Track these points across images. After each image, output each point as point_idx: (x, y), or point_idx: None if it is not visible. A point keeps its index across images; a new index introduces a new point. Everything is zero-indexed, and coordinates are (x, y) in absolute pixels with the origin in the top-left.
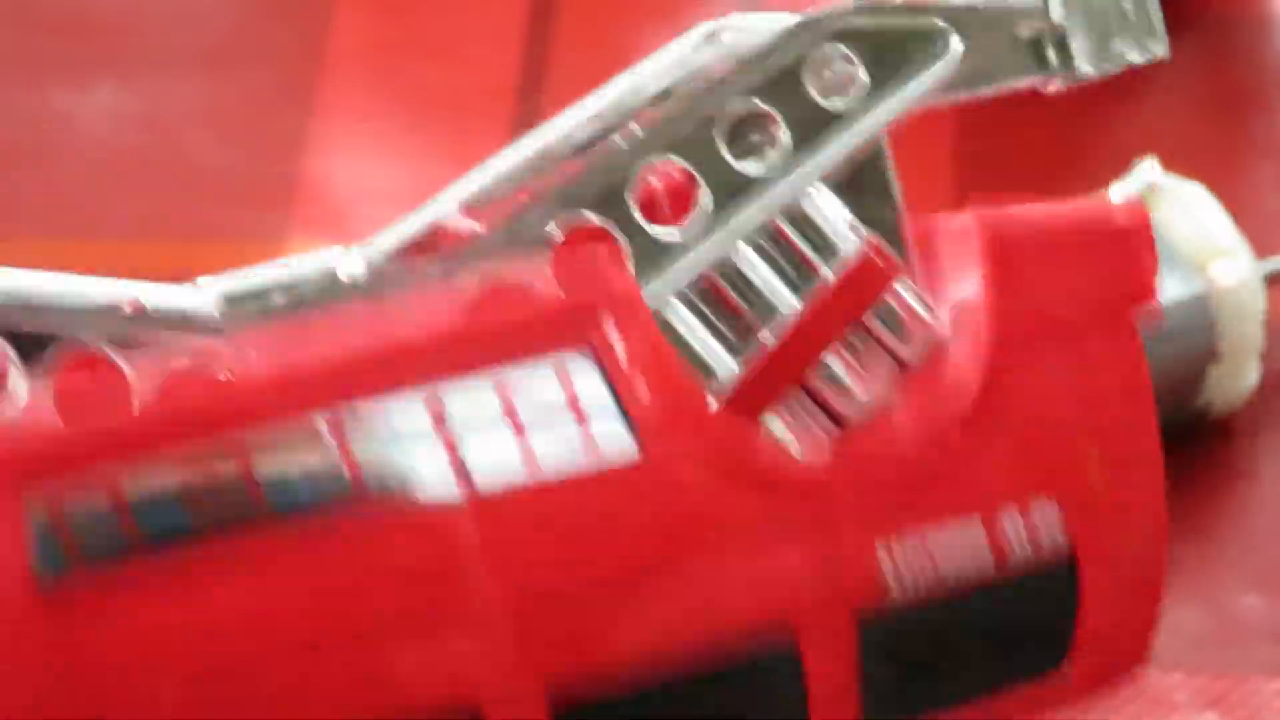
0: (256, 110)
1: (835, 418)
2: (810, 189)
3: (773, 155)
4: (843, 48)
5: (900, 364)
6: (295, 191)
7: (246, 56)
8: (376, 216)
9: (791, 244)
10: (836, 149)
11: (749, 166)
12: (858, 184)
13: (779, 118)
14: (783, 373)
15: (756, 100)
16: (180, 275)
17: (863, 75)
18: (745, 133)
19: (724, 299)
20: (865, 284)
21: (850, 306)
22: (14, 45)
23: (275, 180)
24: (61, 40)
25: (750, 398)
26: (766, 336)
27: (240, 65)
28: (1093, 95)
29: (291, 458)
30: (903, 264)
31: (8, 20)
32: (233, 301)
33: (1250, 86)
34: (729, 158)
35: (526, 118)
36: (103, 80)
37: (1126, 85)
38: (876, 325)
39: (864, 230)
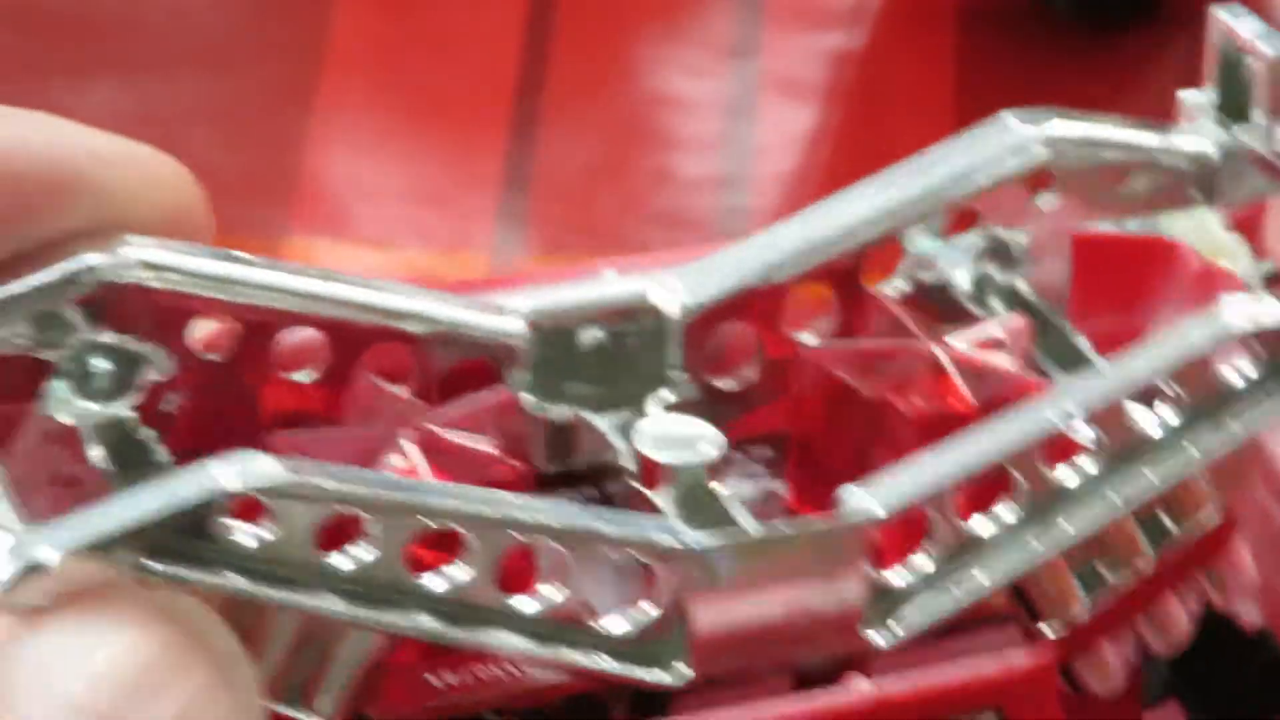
0: (256, 109)
1: (1147, 653)
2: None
3: (1168, 427)
4: (1256, 345)
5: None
6: (295, 189)
7: (246, 56)
8: (375, 214)
9: (1156, 511)
10: (1227, 436)
11: (1146, 426)
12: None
13: (1182, 395)
14: (1122, 615)
15: (1160, 383)
16: None
17: (1261, 368)
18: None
19: (1094, 543)
20: (1211, 547)
21: (1193, 565)
22: (14, 45)
23: (275, 178)
24: (61, 40)
25: (1089, 632)
26: (1116, 581)
27: (240, 65)
28: (1092, 95)
29: None
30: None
31: (8, 20)
32: (538, 316)
33: None
34: (1132, 421)
35: (526, 118)
36: (103, 79)
37: (1126, 84)
38: (1206, 581)
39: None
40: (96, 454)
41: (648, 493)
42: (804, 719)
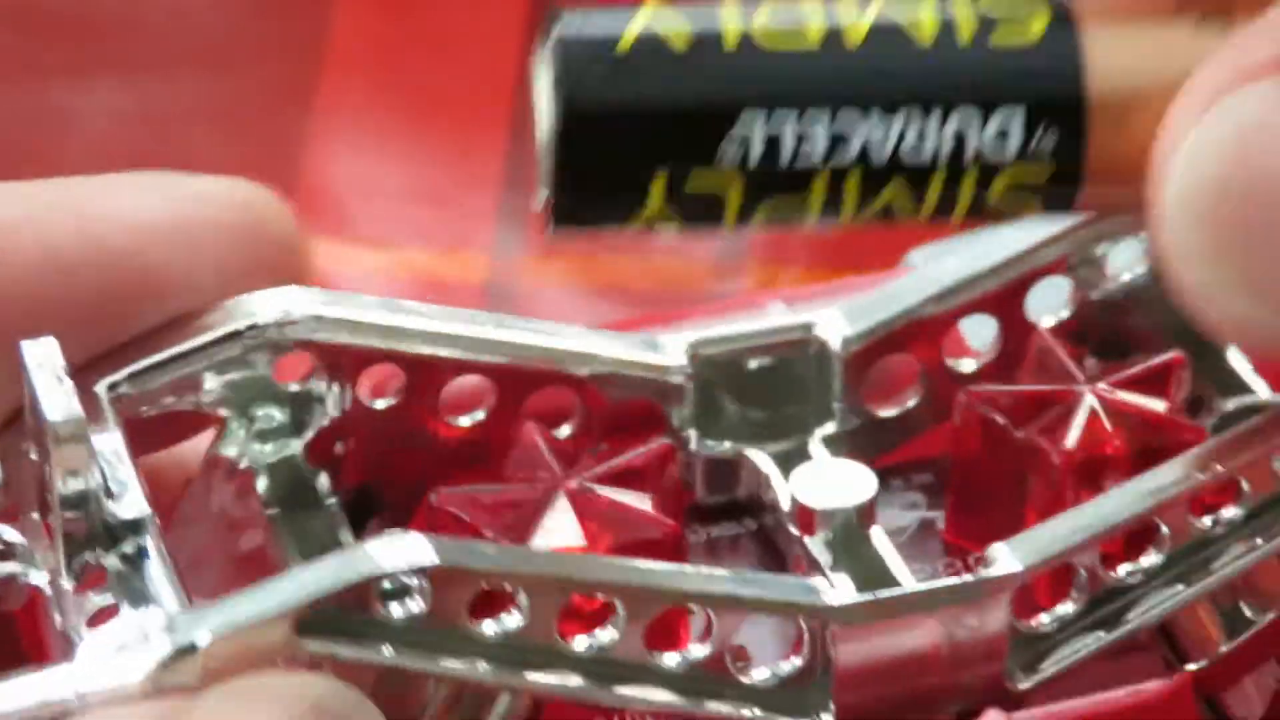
0: (256, 109)
1: None
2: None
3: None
4: None
5: None
6: (295, 189)
7: (246, 56)
8: (375, 214)
9: None
10: None
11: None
12: None
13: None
14: (1266, 648)
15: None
16: None
17: None
18: None
19: (1239, 583)
20: None
21: None
22: (14, 45)
23: (275, 178)
24: (61, 40)
25: (1232, 665)
26: (1261, 621)
27: (240, 65)
28: None
29: None
30: None
31: (8, 20)
32: (700, 352)
33: None
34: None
35: (526, 118)
36: (103, 79)
37: None
38: None
39: None
40: (265, 496)
41: (801, 536)
42: None
